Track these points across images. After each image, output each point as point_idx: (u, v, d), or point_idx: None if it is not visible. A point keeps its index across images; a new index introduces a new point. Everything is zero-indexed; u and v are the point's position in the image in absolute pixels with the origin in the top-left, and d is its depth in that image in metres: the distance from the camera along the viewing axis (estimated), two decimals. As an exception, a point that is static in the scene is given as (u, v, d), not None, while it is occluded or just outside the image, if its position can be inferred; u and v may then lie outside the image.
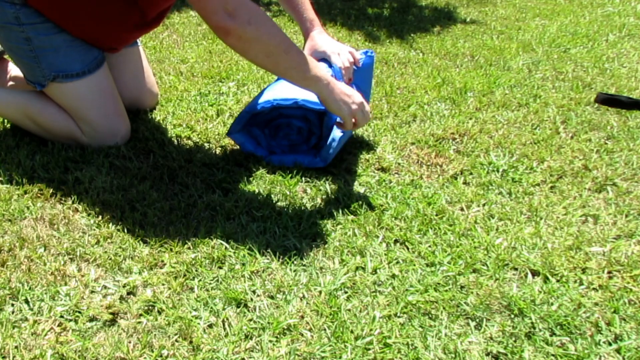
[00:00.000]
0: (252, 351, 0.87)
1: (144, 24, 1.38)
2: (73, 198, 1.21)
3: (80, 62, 1.32)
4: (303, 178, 1.31)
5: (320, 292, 0.98)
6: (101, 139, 1.39)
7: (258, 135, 1.39)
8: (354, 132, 1.53)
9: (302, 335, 0.89)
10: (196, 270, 1.02)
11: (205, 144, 1.46)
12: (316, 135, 1.37)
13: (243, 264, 1.04)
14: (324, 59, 1.40)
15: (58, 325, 0.90)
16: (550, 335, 0.90)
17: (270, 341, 0.88)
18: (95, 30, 1.31)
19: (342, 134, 1.30)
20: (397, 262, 1.05)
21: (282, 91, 1.33)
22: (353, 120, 1.22)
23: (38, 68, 1.30)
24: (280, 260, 1.05)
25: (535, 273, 1.04)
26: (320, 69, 1.19)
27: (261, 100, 1.33)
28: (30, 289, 0.97)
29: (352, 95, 1.21)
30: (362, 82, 1.47)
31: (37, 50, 1.28)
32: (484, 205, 1.23)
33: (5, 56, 1.61)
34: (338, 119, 1.27)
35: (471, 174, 1.36)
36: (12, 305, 0.94)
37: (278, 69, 1.20)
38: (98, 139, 1.39)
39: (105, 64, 1.38)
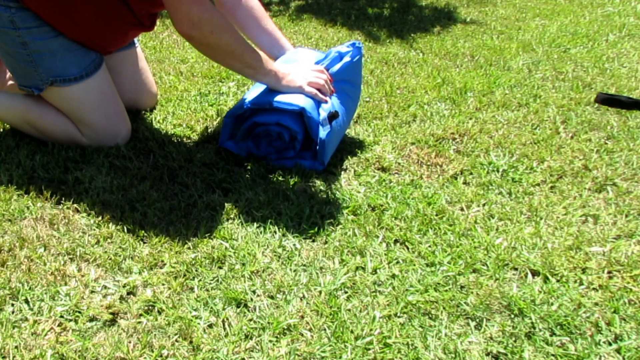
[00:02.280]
0: (252, 351, 0.87)
1: (138, 24, 1.37)
2: (73, 198, 1.21)
3: (78, 66, 1.31)
4: (303, 178, 1.31)
5: (320, 292, 0.98)
6: (102, 140, 1.39)
7: (246, 148, 1.38)
8: (349, 130, 1.53)
9: (302, 335, 0.89)
10: (196, 270, 1.02)
11: (205, 144, 1.46)
12: (299, 140, 1.33)
13: (243, 264, 1.04)
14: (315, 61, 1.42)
15: (58, 325, 0.90)
16: (550, 335, 0.90)
17: (270, 341, 0.88)
18: (91, 31, 1.31)
19: (326, 132, 1.29)
20: (397, 262, 1.05)
21: (258, 93, 1.35)
22: (314, 88, 1.33)
23: (35, 72, 1.29)
24: (280, 260, 1.05)
25: (535, 273, 1.04)
26: (270, 64, 1.33)
27: (238, 104, 1.35)
28: (30, 289, 0.97)
29: (291, 72, 1.34)
30: (355, 75, 1.46)
31: (33, 54, 1.27)
32: (484, 205, 1.23)
33: None
34: (320, 119, 1.29)
35: (471, 174, 1.36)
36: (12, 305, 0.94)
37: (233, 68, 1.33)
38: (98, 140, 1.39)
39: (103, 66, 1.38)
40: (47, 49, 1.27)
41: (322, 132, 1.29)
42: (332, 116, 1.31)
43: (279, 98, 1.30)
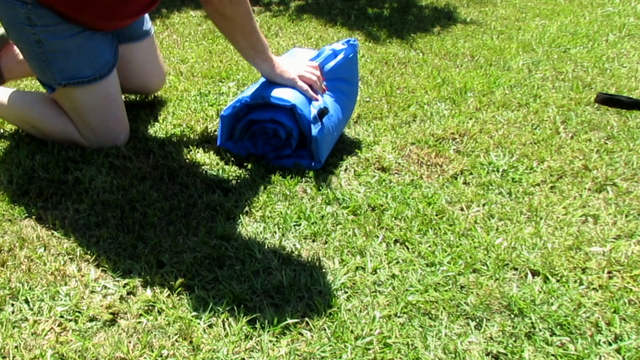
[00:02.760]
0: (252, 351, 0.87)
1: None
2: (73, 198, 1.21)
3: (91, 67, 1.30)
4: (303, 178, 1.31)
5: (320, 292, 0.98)
6: (100, 142, 1.39)
7: (245, 148, 1.39)
8: (349, 130, 1.53)
9: (302, 335, 0.89)
10: (196, 270, 1.02)
11: (205, 144, 1.46)
12: (294, 137, 1.34)
13: (243, 264, 1.04)
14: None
15: (58, 325, 0.90)
16: (550, 335, 0.90)
17: (270, 341, 0.88)
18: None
19: (317, 130, 1.29)
20: (397, 262, 1.05)
21: (250, 90, 1.36)
22: (306, 84, 1.35)
23: (48, 71, 1.28)
24: (280, 260, 1.05)
25: (535, 273, 1.04)
26: (269, 52, 1.35)
27: (231, 102, 1.36)
28: (30, 289, 0.97)
29: (286, 64, 1.36)
30: (349, 72, 1.46)
31: (47, 53, 1.26)
32: (484, 205, 1.23)
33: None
34: (311, 117, 1.29)
35: (471, 174, 1.36)
36: (12, 305, 0.94)
37: (237, 44, 1.34)
38: (97, 142, 1.39)
39: (115, 70, 1.37)
40: (62, 48, 1.26)
41: (314, 130, 1.29)
42: (322, 113, 1.31)
43: (272, 93, 1.31)
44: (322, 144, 1.32)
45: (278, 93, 1.30)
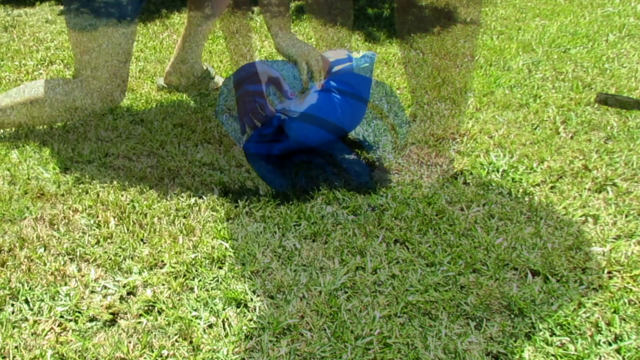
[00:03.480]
0: (252, 351, 0.87)
1: None
2: (73, 198, 1.21)
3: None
4: (303, 178, 1.31)
5: (320, 292, 0.98)
6: (101, 96, 1.43)
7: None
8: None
9: (302, 335, 0.89)
10: (196, 270, 1.02)
11: (205, 144, 1.46)
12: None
13: (243, 264, 1.04)
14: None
15: (58, 325, 0.90)
16: (550, 335, 0.90)
17: (270, 341, 0.88)
18: None
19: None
20: (397, 262, 1.05)
21: None
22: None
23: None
24: (280, 260, 1.05)
25: (535, 273, 1.04)
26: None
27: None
28: (30, 289, 0.97)
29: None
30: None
31: None
32: (484, 205, 1.23)
33: None
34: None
35: (471, 174, 1.36)
36: (12, 305, 0.94)
37: None
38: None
39: None
40: None
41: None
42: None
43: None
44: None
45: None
